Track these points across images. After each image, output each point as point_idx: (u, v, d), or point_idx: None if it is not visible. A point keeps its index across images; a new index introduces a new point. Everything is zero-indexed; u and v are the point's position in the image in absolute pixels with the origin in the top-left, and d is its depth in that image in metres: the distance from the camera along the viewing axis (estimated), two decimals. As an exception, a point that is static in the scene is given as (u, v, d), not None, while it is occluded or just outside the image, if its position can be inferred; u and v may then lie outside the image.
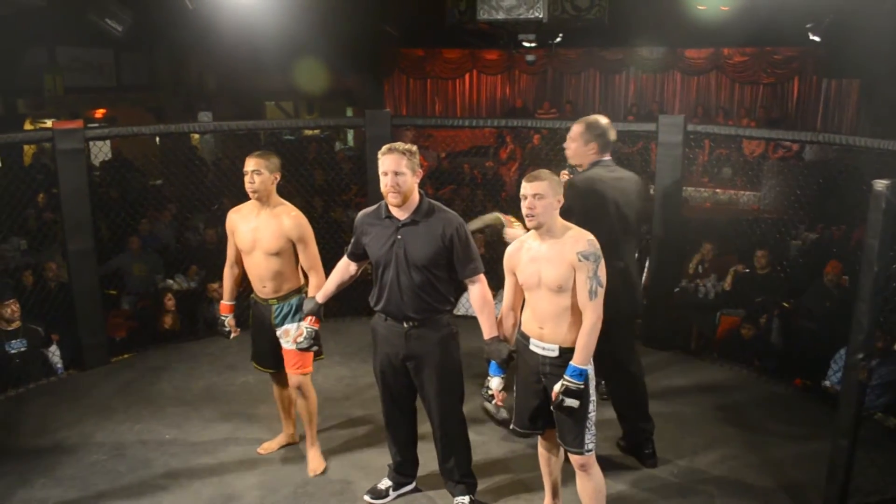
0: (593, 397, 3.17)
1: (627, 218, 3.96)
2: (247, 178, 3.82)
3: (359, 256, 3.64)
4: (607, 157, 4.01)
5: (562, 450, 3.42)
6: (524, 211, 3.14)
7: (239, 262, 4.06)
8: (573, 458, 3.24)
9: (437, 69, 16.29)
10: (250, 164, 3.81)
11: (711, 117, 13.74)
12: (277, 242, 3.83)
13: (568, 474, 3.53)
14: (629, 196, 3.98)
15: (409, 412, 3.73)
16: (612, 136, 4.00)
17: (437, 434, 3.65)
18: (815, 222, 8.02)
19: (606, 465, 3.40)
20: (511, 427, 3.50)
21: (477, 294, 3.43)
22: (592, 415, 3.17)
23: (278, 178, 3.89)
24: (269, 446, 4.33)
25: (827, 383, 5.35)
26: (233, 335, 4.15)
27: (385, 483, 3.86)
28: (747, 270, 6.82)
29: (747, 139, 10.69)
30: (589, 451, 3.20)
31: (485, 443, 4.28)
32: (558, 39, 9.50)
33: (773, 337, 6.21)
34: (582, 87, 15.49)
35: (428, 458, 3.85)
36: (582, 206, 3.73)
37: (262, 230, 3.86)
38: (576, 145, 4.01)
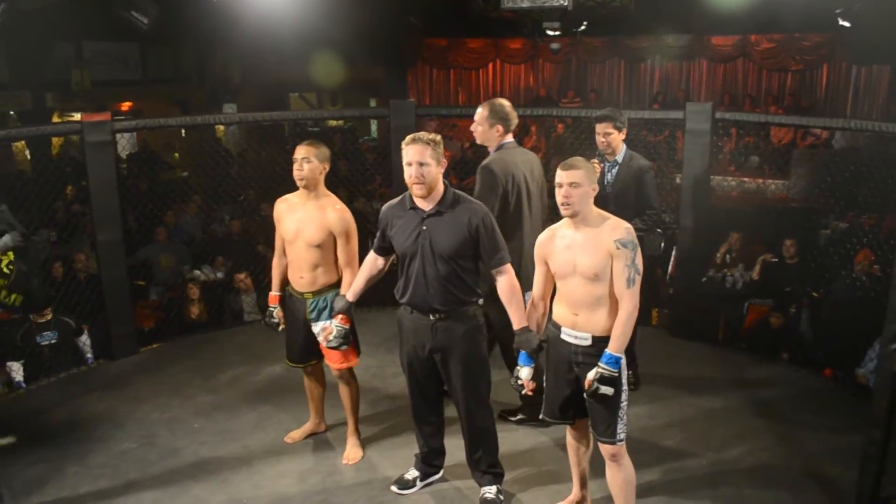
0: (625, 387, 3.15)
1: (535, 194, 4.25)
2: (296, 166, 3.82)
3: (385, 250, 3.63)
4: (510, 139, 4.21)
5: (590, 440, 3.41)
6: (559, 199, 3.11)
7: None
8: (604, 448, 3.22)
9: (461, 59, 16.23)
10: (300, 151, 3.83)
11: (738, 105, 13.55)
12: (320, 234, 3.83)
13: (596, 464, 3.52)
14: (535, 174, 4.26)
15: (436, 403, 3.73)
16: (515, 119, 4.22)
17: (464, 425, 3.64)
18: (845, 211, 7.90)
19: (635, 455, 3.37)
20: (541, 416, 3.49)
21: (505, 284, 3.40)
22: (624, 404, 3.16)
23: (327, 168, 3.89)
24: (296, 435, 4.37)
25: (860, 371, 5.28)
26: (281, 327, 4.14)
27: (412, 473, 3.87)
28: (776, 260, 6.73)
29: (776, 126, 10.53)
30: (621, 440, 3.18)
31: (512, 433, 4.27)
32: (583, 27, 9.41)
33: (802, 327, 6.13)
34: (606, 76, 15.35)
35: (455, 448, 3.85)
36: (502, 188, 4.03)
37: (305, 221, 3.87)
38: (482, 129, 4.20)
